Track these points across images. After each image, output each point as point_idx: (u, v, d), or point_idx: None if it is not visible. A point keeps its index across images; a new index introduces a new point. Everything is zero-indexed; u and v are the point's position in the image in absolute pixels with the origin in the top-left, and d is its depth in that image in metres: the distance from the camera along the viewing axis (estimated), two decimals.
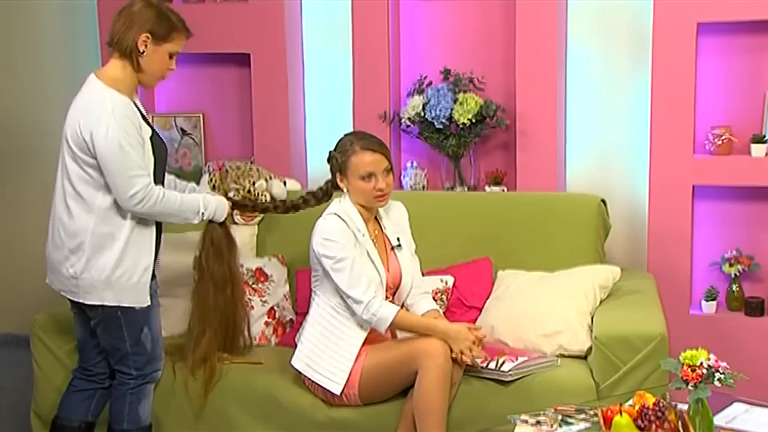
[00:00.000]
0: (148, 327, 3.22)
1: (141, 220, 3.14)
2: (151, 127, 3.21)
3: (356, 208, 3.36)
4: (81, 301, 3.17)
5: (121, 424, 3.27)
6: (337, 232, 3.28)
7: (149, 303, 3.19)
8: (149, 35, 3.10)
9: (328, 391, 3.29)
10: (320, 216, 3.36)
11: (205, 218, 3.33)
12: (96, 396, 3.38)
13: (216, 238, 3.42)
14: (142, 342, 3.21)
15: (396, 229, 3.48)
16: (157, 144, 3.20)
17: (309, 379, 3.34)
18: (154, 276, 3.24)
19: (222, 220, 3.40)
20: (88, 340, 3.33)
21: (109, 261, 3.11)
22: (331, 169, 3.42)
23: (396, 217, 3.52)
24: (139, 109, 3.21)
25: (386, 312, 3.23)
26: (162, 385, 3.48)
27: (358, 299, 3.23)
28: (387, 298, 3.37)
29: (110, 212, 3.10)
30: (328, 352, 3.31)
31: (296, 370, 3.37)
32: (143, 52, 3.10)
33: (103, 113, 3.01)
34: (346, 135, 3.44)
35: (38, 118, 4.42)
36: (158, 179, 3.19)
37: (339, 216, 3.31)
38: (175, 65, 3.22)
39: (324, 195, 3.58)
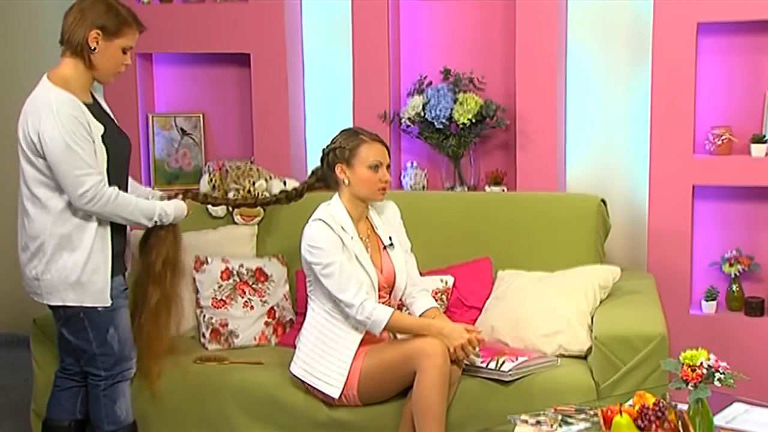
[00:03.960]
0: (114, 327, 3.20)
1: (100, 221, 3.12)
2: (107, 125, 3.15)
3: (345, 209, 3.35)
4: (44, 302, 3.17)
5: (102, 426, 3.27)
6: (322, 239, 3.27)
7: (111, 303, 3.16)
8: (100, 31, 3.07)
9: (328, 394, 3.29)
10: (307, 222, 3.35)
11: (157, 224, 3.27)
12: (81, 394, 3.37)
13: (164, 239, 3.35)
14: (108, 343, 3.20)
15: (388, 228, 3.48)
16: (112, 142, 3.15)
17: (308, 384, 3.34)
18: (121, 275, 3.24)
19: (178, 222, 3.35)
20: (62, 338, 3.31)
21: (69, 262, 3.09)
22: (329, 162, 3.39)
23: (388, 216, 3.51)
24: (98, 104, 3.19)
25: (380, 314, 3.23)
26: (159, 384, 3.49)
27: (349, 303, 3.23)
28: (382, 298, 3.37)
29: (67, 213, 3.09)
30: (324, 356, 3.30)
31: (294, 376, 3.37)
32: (94, 49, 3.08)
33: (48, 113, 2.99)
34: (345, 129, 3.45)
35: None
36: (114, 177, 3.14)
37: (324, 221, 3.29)
38: (130, 60, 3.18)
39: (297, 195, 3.60)
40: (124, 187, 3.24)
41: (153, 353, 3.42)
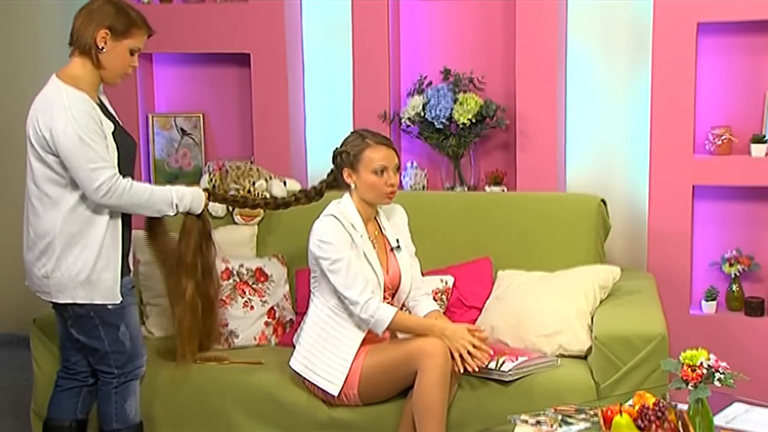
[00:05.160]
0: (126, 325, 3.20)
1: (110, 218, 3.12)
2: (116, 124, 3.18)
3: (356, 209, 3.36)
4: (54, 300, 3.16)
5: (111, 425, 3.26)
6: (332, 234, 3.27)
7: (121, 300, 3.17)
8: (108, 31, 3.08)
9: (327, 391, 3.29)
10: (318, 217, 3.36)
11: (180, 210, 3.28)
12: (82, 393, 3.37)
13: (190, 230, 3.37)
14: (120, 340, 3.20)
15: (395, 231, 3.48)
16: (121, 140, 3.17)
17: (308, 380, 3.34)
18: (128, 272, 3.24)
19: (199, 211, 3.34)
20: (67, 338, 3.31)
21: (79, 260, 3.09)
22: (337, 165, 3.40)
23: (395, 220, 3.51)
24: (104, 106, 3.20)
25: (384, 313, 3.23)
26: (160, 384, 3.49)
27: (354, 300, 3.23)
28: (386, 299, 3.37)
29: (77, 210, 3.09)
30: (325, 353, 3.31)
31: (294, 371, 3.37)
32: (102, 48, 3.09)
33: (61, 109, 3.00)
34: (354, 131, 3.45)
35: None
36: (125, 175, 3.15)
37: (335, 217, 3.30)
38: (138, 62, 3.20)
39: (316, 194, 3.57)
40: None
41: (192, 345, 3.43)
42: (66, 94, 3.04)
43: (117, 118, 3.27)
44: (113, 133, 3.13)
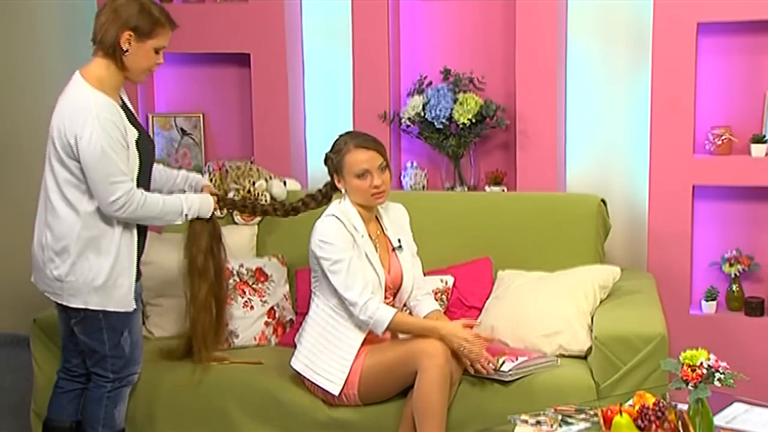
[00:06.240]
0: (129, 330, 3.20)
1: (126, 224, 3.12)
2: (137, 128, 3.16)
3: (356, 209, 3.36)
4: (65, 303, 3.14)
5: (96, 428, 3.25)
6: (333, 234, 3.27)
7: (134, 306, 3.17)
8: (132, 33, 3.03)
9: (328, 391, 3.29)
10: (319, 217, 3.36)
11: (189, 218, 3.28)
12: (83, 395, 3.36)
13: (200, 233, 3.38)
14: (121, 345, 3.19)
15: (396, 230, 3.48)
16: (144, 147, 3.15)
17: (308, 379, 3.34)
18: (139, 277, 3.23)
19: (208, 216, 3.35)
20: (69, 339, 3.31)
21: (95, 265, 3.08)
22: (328, 171, 3.42)
23: (397, 219, 3.51)
24: (127, 107, 3.17)
25: (383, 314, 3.23)
26: (160, 384, 3.49)
27: (353, 301, 3.23)
28: (387, 299, 3.37)
29: (96, 216, 3.07)
30: (326, 352, 3.31)
31: (295, 371, 3.37)
32: (126, 50, 3.05)
33: (88, 117, 2.97)
34: (340, 135, 3.44)
35: (38, 118, 4.40)
36: (143, 182, 3.15)
37: (337, 217, 3.30)
38: (163, 59, 3.15)
39: (323, 197, 3.57)
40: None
41: (207, 345, 3.45)
42: (93, 99, 3.00)
43: (137, 119, 3.24)
44: (137, 141, 3.11)
